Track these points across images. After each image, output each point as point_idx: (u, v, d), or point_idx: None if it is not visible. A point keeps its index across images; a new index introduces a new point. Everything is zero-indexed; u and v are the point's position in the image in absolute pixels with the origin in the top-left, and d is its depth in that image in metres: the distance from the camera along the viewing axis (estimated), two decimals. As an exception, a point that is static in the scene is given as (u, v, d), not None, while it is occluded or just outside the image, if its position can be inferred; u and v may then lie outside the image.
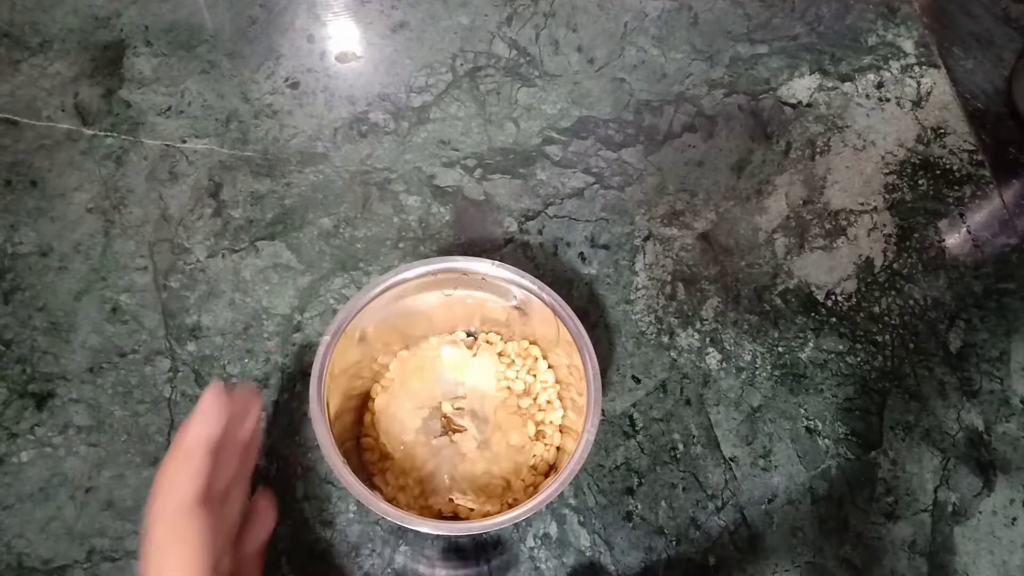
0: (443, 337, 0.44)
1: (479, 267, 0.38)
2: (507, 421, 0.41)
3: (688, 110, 0.56)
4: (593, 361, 0.36)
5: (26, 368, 0.44)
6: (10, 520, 0.41)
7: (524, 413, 0.42)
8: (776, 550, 0.44)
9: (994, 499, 0.47)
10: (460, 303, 0.41)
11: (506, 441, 0.41)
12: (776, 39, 0.60)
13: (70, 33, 0.54)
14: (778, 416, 0.47)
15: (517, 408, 0.42)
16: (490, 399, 0.42)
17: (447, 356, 0.43)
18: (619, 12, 0.60)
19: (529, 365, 0.43)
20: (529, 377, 0.42)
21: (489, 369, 0.42)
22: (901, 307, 0.51)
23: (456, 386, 0.42)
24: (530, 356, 0.43)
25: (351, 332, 0.36)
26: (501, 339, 0.44)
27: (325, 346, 0.35)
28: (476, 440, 0.40)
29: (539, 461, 0.41)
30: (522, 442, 0.41)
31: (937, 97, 0.59)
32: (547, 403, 0.42)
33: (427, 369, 0.43)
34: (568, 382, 0.41)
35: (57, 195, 0.49)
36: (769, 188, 0.54)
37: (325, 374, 0.34)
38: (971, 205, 0.56)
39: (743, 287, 0.51)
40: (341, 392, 0.37)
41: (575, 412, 0.39)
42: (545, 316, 0.38)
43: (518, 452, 0.40)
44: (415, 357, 0.43)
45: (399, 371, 0.42)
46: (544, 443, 0.41)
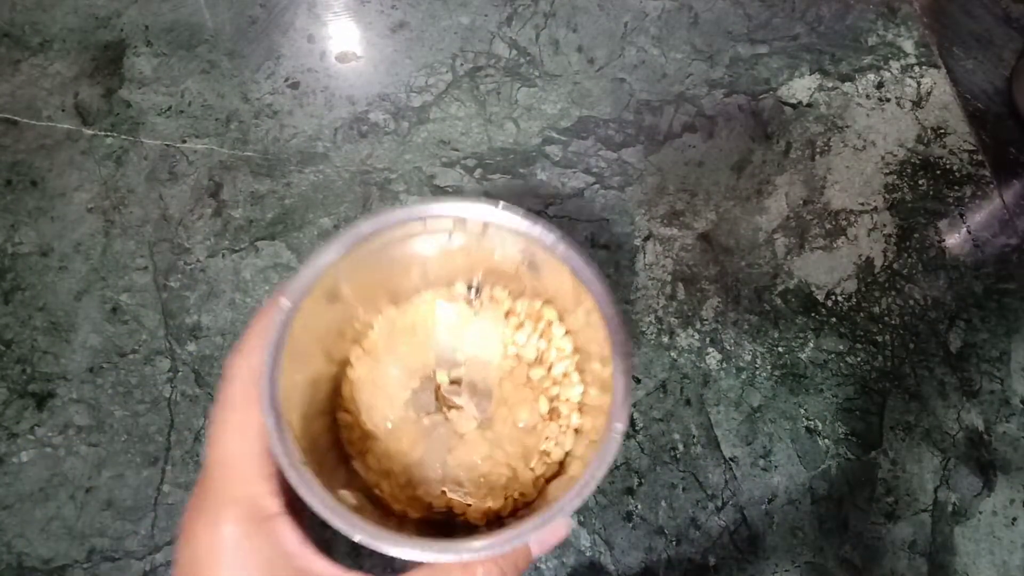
0: (439, 291, 0.36)
1: (480, 213, 0.31)
2: (514, 396, 0.34)
3: (688, 110, 0.56)
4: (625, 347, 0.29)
5: (26, 368, 0.44)
6: (10, 520, 0.41)
7: (535, 387, 0.35)
8: (776, 550, 0.44)
9: (994, 499, 0.47)
10: (461, 252, 0.34)
11: (512, 420, 0.34)
12: (776, 39, 0.60)
13: (70, 33, 0.54)
14: (778, 416, 0.47)
15: (527, 380, 0.35)
16: (494, 369, 0.35)
17: (443, 315, 0.36)
18: (619, 12, 0.60)
19: (542, 329, 0.35)
20: (542, 343, 0.35)
21: (494, 332, 0.35)
22: (901, 307, 0.51)
23: (453, 352, 0.35)
24: (543, 318, 0.35)
25: (319, 294, 0.29)
26: (509, 295, 0.36)
27: (286, 314, 0.27)
28: (476, 418, 0.34)
29: (552, 446, 0.34)
30: (532, 422, 0.34)
31: (937, 97, 0.59)
32: (563, 376, 0.35)
33: (418, 330, 0.35)
34: (589, 352, 0.34)
35: (57, 195, 0.49)
36: (769, 188, 0.54)
37: (283, 353, 0.27)
38: (971, 205, 0.56)
39: (743, 287, 0.51)
40: (310, 363, 0.31)
41: (598, 388, 0.33)
42: (562, 275, 0.31)
43: (527, 434, 0.34)
44: (404, 315, 0.35)
45: (384, 332, 0.35)
46: (559, 424, 0.34)
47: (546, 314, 0.35)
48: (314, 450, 0.28)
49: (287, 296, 0.27)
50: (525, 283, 0.35)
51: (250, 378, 0.26)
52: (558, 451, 0.34)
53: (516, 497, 0.33)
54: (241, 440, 0.25)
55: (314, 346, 0.31)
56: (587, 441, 0.31)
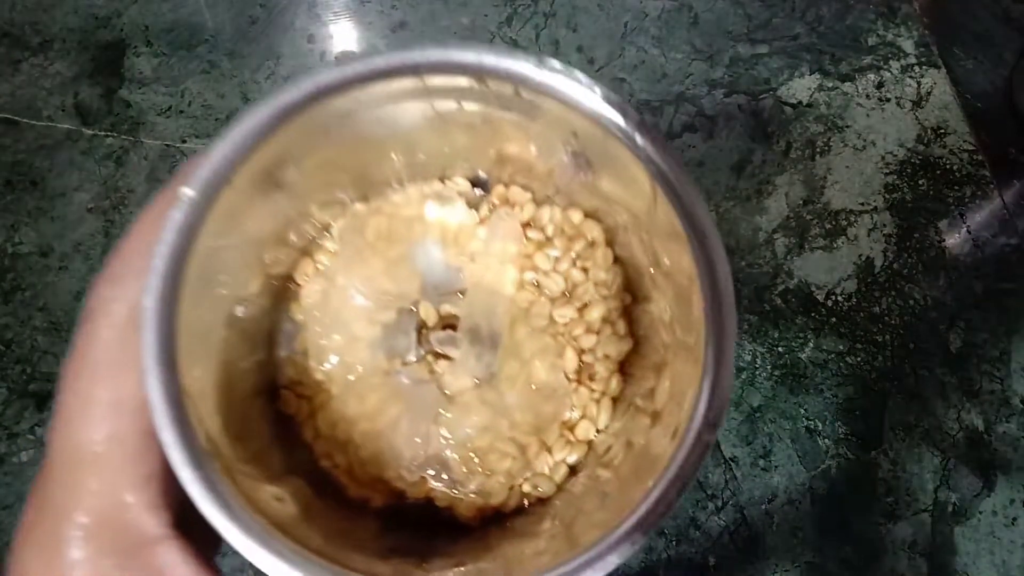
0: (429, 185, 0.25)
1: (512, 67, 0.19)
2: (530, 344, 0.24)
3: (688, 110, 0.56)
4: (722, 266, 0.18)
5: (26, 368, 0.44)
6: (10, 520, 0.41)
7: (561, 333, 0.24)
8: (776, 550, 0.44)
9: (994, 499, 0.47)
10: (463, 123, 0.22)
11: (526, 379, 0.24)
12: (776, 39, 0.60)
13: (70, 33, 0.54)
14: (778, 416, 0.47)
15: (549, 322, 0.24)
16: (504, 304, 0.24)
17: (435, 219, 0.25)
18: (619, 12, 0.60)
19: (579, 251, 0.25)
20: (576, 272, 0.25)
21: (507, 249, 0.24)
22: (901, 307, 0.51)
23: (446, 274, 0.25)
24: (581, 237, 0.25)
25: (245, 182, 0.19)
26: (532, 199, 0.25)
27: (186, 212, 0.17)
28: (474, 375, 0.24)
29: (580, 419, 0.24)
30: (553, 382, 0.24)
31: (937, 97, 0.59)
32: (603, 322, 0.24)
33: (398, 240, 0.25)
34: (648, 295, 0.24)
35: (57, 195, 0.49)
36: (769, 188, 0.54)
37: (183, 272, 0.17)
38: (971, 205, 0.56)
39: (743, 287, 0.51)
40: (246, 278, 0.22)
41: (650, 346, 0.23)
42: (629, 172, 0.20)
43: (545, 399, 0.24)
44: (378, 217, 0.25)
45: (348, 239, 0.24)
46: (591, 388, 0.24)
47: (588, 232, 0.24)
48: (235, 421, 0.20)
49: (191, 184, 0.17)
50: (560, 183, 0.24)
51: (125, 321, 0.16)
52: (587, 427, 0.24)
53: (527, 490, 0.23)
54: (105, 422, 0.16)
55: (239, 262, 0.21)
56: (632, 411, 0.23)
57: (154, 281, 0.16)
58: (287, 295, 0.24)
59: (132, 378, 0.16)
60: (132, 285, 0.16)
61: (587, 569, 0.16)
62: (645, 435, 0.19)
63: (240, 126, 0.18)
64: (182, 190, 0.17)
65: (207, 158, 0.18)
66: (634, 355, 0.24)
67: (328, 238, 0.24)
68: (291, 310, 0.24)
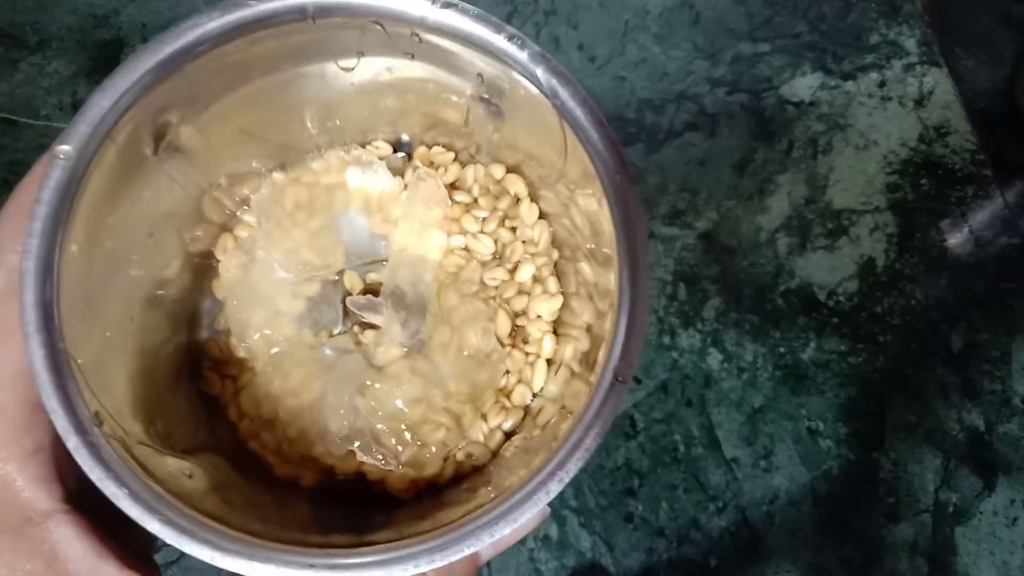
0: (349, 151, 0.24)
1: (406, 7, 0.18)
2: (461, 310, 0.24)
3: (690, 108, 0.56)
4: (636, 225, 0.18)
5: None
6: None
7: (492, 297, 0.24)
8: (777, 551, 0.44)
9: (995, 499, 0.47)
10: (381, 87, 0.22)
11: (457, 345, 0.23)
12: (778, 37, 0.60)
13: (68, 32, 0.54)
14: (779, 417, 0.47)
15: (480, 287, 0.24)
16: (431, 270, 0.24)
17: (356, 186, 0.24)
18: (620, 10, 0.60)
19: (505, 210, 0.24)
20: (504, 232, 0.25)
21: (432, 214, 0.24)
22: (903, 307, 0.51)
23: (371, 242, 0.24)
24: (507, 194, 0.24)
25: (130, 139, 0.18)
26: (456, 159, 0.25)
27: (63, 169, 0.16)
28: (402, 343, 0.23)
29: (515, 384, 0.24)
30: (486, 348, 0.23)
31: (939, 96, 0.59)
32: (534, 281, 0.24)
33: (319, 209, 0.24)
34: (575, 247, 0.23)
35: (55, 194, 0.49)
36: (771, 187, 0.54)
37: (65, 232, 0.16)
38: (973, 205, 0.56)
39: (745, 287, 0.51)
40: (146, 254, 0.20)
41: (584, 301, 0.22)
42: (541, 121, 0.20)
43: (478, 366, 0.23)
44: (297, 186, 0.24)
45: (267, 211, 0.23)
46: (525, 352, 0.24)
47: (511, 186, 0.24)
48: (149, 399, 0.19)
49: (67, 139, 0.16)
50: (479, 138, 0.23)
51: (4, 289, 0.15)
52: (523, 392, 0.23)
53: (461, 459, 0.23)
54: None
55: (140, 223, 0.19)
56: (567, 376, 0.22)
57: (32, 242, 0.15)
58: (209, 273, 0.23)
59: (13, 348, 0.15)
60: (9, 250, 0.15)
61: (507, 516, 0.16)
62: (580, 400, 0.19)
63: (116, 76, 0.17)
64: (58, 147, 0.16)
65: (83, 112, 0.17)
66: (566, 312, 0.24)
67: (247, 211, 0.23)
68: (213, 287, 0.23)
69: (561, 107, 0.18)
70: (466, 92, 0.21)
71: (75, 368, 0.16)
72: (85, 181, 0.16)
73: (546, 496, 0.16)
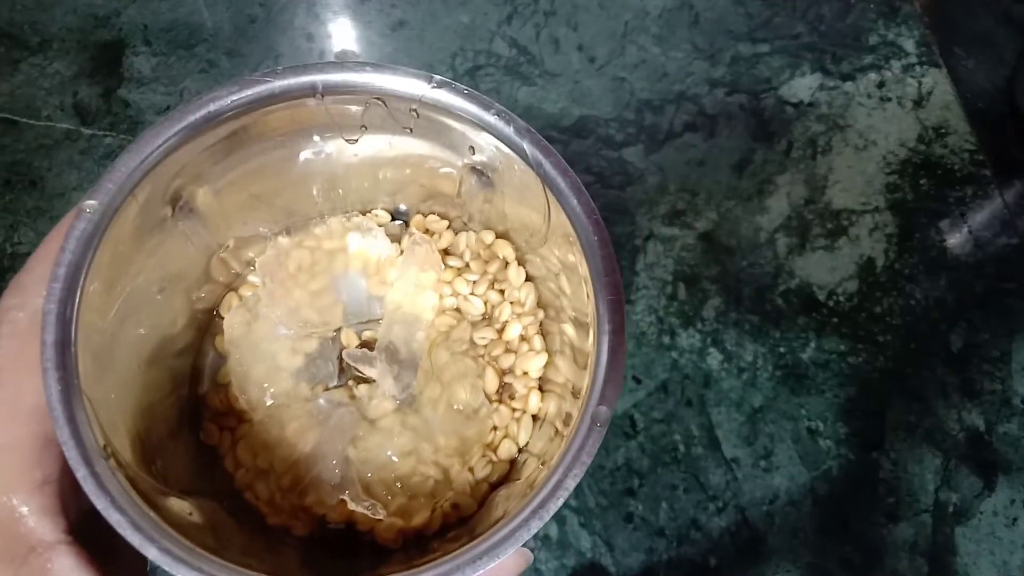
0: (350, 218, 0.26)
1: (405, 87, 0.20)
2: (451, 367, 0.25)
3: (689, 109, 0.56)
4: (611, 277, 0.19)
5: (25, 369, 0.44)
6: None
7: (481, 355, 0.26)
8: (777, 551, 0.44)
9: (995, 499, 0.47)
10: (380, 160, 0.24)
11: (447, 401, 0.24)
12: (777, 38, 0.60)
13: (69, 32, 0.54)
14: (779, 417, 0.47)
15: (470, 345, 0.26)
16: (424, 329, 0.25)
17: (356, 251, 0.26)
18: (620, 11, 0.60)
19: (494, 274, 0.26)
20: (493, 294, 0.26)
21: (425, 277, 0.26)
22: (903, 307, 0.51)
23: (367, 303, 0.26)
24: (496, 258, 0.26)
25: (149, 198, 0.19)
26: (449, 227, 0.27)
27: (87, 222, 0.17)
28: (394, 398, 0.24)
29: (501, 439, 0.25)
30: (474, 404, 0.24)
31: (938, 97, 0.59)
32: (520, 340, 0.26)
33: (320, 272, 0.26)
34: (559, 308, 0.24)
35: (56, 195, 0.49)
36: (771, 188, 0.54)
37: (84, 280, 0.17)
38: (972, 205, 0.56)
39: (744, 287, 0.51)
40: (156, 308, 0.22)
41: (568, 360, 0.23)
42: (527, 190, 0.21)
43: (466, 421, 0.24)
44: (300, 250, 0.25)
45: (271, 273, 0.25)
46: (512, 408, 0.25)
47: (500, 251, 0.26)
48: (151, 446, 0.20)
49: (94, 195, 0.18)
50: (472, 209, 0.25)
51: (25, 329, 0.17)
52: (509, 446, 0.24)
53: (447, 510, 0.24)
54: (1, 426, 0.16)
55: (154, 279, 0.21)
56: (551, 433, 0.23)
57: (55, 287, 0.17)
58: (212, 329, 0.25)
59: (31, 384, 0.16)
60: (34, 293, 0.17)
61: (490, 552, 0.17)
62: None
63: (142, 140, 0.18)
64: (85, 202, 0.18)
65: (110, 171, 0.18)
66: (550, 369, 0.25)
67: (252, 272, 0.25)
68: (216, 343, 0.25)
69: (545, 176, 0.20)
70: (459, 164, 0.23)
71: (87, 404, 0.17)
72: (107, 234, 0.18)
73: (527, 533, 0.17)
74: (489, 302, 0.26)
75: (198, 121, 0.19)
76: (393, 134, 0.22)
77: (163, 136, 0.19)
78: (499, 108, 0.20)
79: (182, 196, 0.21)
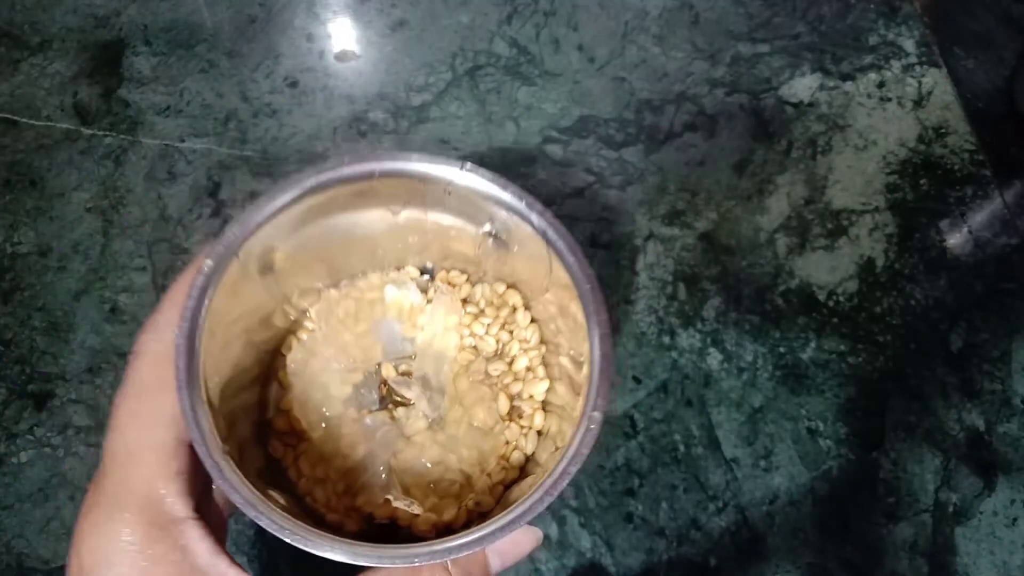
0: (387, 273, 0.33)
1: (441, 172, 0.26)
2: (471, 393, 0.31)
3: (689, 109, 0.56)
4: (601, 316, 0.24)
5: (25, 368, 0.44)
6: (10, 520, 0.41)
7: (494, 383, 0.31)
8: (777, 551, 0.44)
9: (995, 499, 0.47)
10: (414, 227, 0.30)
11: (468, 420, 0.30)
12: (777, 38, 0.60)
13: (69, 32, 0.54)
14: (779, 417, 0.47)
15: (485, 376, 0.31)
16: (448, 362, 0.31)
17: (392, 300, 0.32)
18: (620, 11, 0.60)
19: (505, 318, 0.32)
20: (504, 334, 0.32)
21: (449, 321, 0.32)
22: (903, 307, 0.51)
23: (403, 343, 0.32)
24: (506, 305, 0.32)
25: (247, 259, 0.25)
26: (468, 280, 0.33)
27: (205, 277, 0.23)
28: (427, 417, 0.30)
29: (511, 449, 0.30)
30: (490, 422, 0.30)
31: (938, 97, 0.59)
32: (527, 371, 0.32)
33: (363, 318, 0.32)
34: (557, 344, 0.30)
35: (56, 195, 0.49)
36: (770, 188, 0.54)
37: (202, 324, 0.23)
38: (972, 205, 0.56)
39: (744, 287, 0.51)
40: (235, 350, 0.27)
41: (565, 386, 0.29)
42: (533, 249, 0.27)
43: (484, 436, 0.30)
44: (347, 300, 0.32)
45: (324, 319, 0.31)
46: (520, 425, 0.31)
47: (510, 299, 0.32)
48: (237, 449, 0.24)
49: (210, 256, 0.23)
50: (487, 266, 0.31)
51: (163, 357, 0.22)
52: (519, 455, 0.30)
53: (471, 507, 0.29)
54: (147, 429, 0.22)
55: (240, 323, 0.26)
56: (552, 447, 0.28)
57: (183, 325, 0.23)
58: (276, 365, 0.31)
59: (168, 399, 0.22)
60: (166, 331, 0.23)
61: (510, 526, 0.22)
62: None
63: (245, 214, 0.25)
64: (205, 261, 0.24)
65: (223, 237, 0.24)
66: (551, 393, 0.31)
67: (308, 319, 0.31)
68: (280, 376, 0.31)
69: (549, 240, 0.26)
70: (480, 231, 0.29)
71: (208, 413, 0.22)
72: (216, 286, 0.24)
73: (540, 505, 0.22)
74: (500, 340, 0.32)
75: (287, 200, 0.25)
76: (428, 207, 0.28)
77: (262, 212, 0.25)
78: (514, 188, 0.26)
79: (265, 257, 0.26)
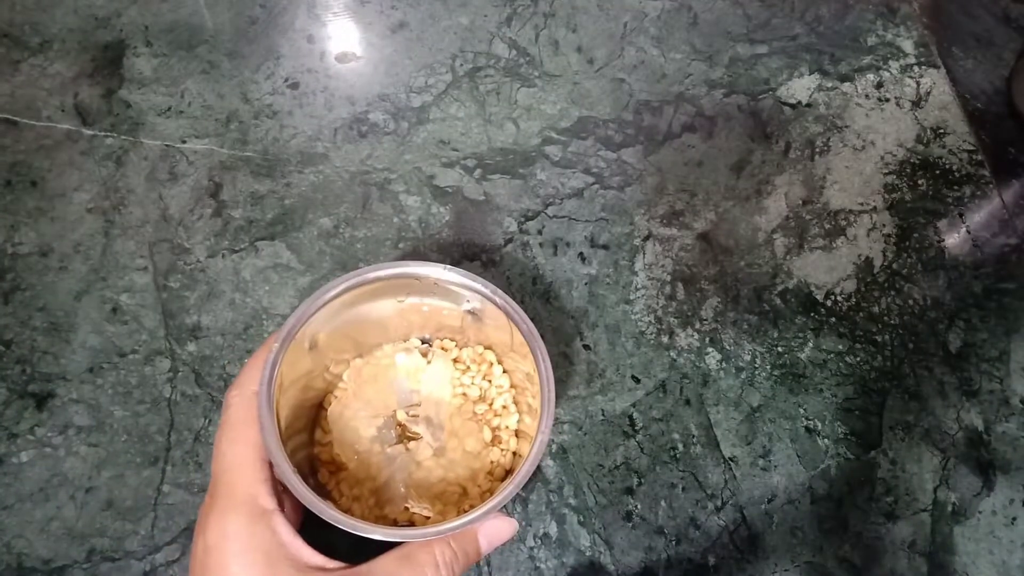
0: (397, 345, 0.43)
1: (430, 272, 0.37)
2: (463, 427, 0.41)
3: (688, 110, 0.56)
4: (546, 363, 0.35)
5: (26, 368, 0.44)
6: (10, 520, 0.41)
7: (479, 419, 0.41)
8: (776, 550, 0.44)
9: (994, 499, 0.47)
10: (415, 310, 0.41)
11: (462, 447, 0.40)
12: (776, 39, 0.60)
13: (70, 33, 0.54)
14: (778, 416, 0.47)
15: (472, 414, 0.42)
16: (445, 406, 0.42)
17: (402, 363, 0.43)
18: (619, 12, 0.60)
19: (484, 370, 0.43)
20: (484, 383, 0.43)
21: (444, 375, 0.42)
22: (901, 307, 0.51)
23: (411, 394, 0.42)
24: (485, 361, 0.43)
25: (301, 339, 0.35)
26: (456, 345, 0.44)
27: (275, 353, 0.33)
28: (431, 447, 0.41)
29: (495, 466, 0.41)
30: (478, 448, 0.40)
31: (936, 97, 0.59)
32: (502, 408, 0.42)
33: (381, 377, 0.42)
34: (523, 387, 0.41)
35: (57, 195, 0.49)
36: (768, 188, 0.54)
37: (274, 384, 0.33)
38: (971, 205, 0.56)
39: (743, 287, 0.51)
40: (292, 403, 0.36)
41: (531, 416, 0.39)
42: (499, 321, 0.38)
43: (474, 458, 0.40)
44: (369, 366, 0.42)
45: (353, 380, 0.42)
46: (500, 448, 0.41)
47: (487, 357, 0.43)
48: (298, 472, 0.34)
49: (278, 340, 0.34)
50: (469, 334, 0.43)
51: (248, 404, 0.32)
52: (500, 470, 0.41)
53: (467, 509, 0.38)
54: (243, 451, 0.31)
55: (297, 383, 0.37)
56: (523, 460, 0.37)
57: (263, 384, 0.32)
58: (317, 417, 0.41)
59: (254, 431, 0.31)
60: (248, 387, 0.33)
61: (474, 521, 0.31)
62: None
63: (298, 311, 0.34)
64: (273, 343, 0.33)
65: (285, 326, 0.34)
66: (522, 424, 0.41)
67: (341, 381, 0.42)
68: (322, 423, 0.41)
69: (510, 314, 0.36)
70: (462, 309, 0.40)
71: (280, 443, 0.32)
72: (281, 358, 0.33)
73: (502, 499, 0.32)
74: (482, 388, 0.42)
75: (327, 298, 0.35)
76: (422, 295, 0.39)
77: (315, 304, 0.35)
78: (483, 281, 0.36)
79: (315, 338, 0.37)
